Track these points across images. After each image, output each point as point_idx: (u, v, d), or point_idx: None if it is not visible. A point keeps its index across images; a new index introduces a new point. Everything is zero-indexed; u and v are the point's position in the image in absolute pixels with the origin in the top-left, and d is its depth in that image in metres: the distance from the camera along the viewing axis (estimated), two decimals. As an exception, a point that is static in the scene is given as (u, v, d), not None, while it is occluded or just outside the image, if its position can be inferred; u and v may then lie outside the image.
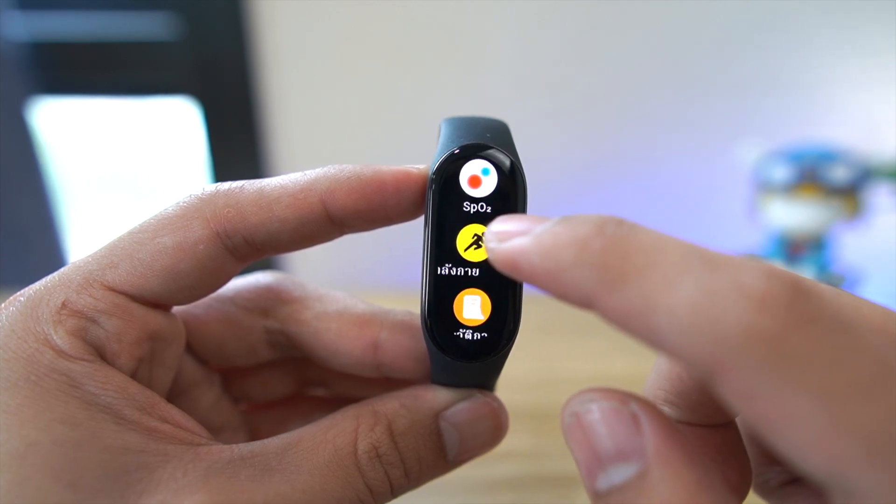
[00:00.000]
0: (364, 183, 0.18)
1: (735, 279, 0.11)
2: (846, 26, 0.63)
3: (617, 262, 0.12)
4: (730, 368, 0.11)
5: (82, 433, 0.15)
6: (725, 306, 0.11)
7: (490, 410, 0.19)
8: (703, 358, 0.11)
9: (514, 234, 0.15)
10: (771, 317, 0.11)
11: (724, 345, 0.11)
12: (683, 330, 0.11)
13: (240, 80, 0.67)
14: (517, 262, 0.14)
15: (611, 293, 0.12)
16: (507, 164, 0.18)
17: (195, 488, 0.16)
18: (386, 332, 0.21)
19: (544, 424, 0.43)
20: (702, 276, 0.12)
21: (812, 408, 0.11)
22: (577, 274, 0.13)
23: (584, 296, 0.13)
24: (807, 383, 0.11)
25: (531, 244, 0.14)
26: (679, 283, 0.12)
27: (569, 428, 0.14)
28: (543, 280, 0.14)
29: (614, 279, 0.12)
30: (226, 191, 0.18)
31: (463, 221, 0.18)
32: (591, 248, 0.13)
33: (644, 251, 0.12)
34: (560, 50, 0.65)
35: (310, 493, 0.17)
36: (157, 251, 0.18)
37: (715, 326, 0.11)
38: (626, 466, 0.13)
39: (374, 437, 0.18)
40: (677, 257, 0.12)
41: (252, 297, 0.22)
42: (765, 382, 0.11)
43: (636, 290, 0.12)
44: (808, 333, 0.11)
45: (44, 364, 0.16)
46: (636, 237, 0.13)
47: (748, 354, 0.11)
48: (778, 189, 0.55)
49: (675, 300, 0.12)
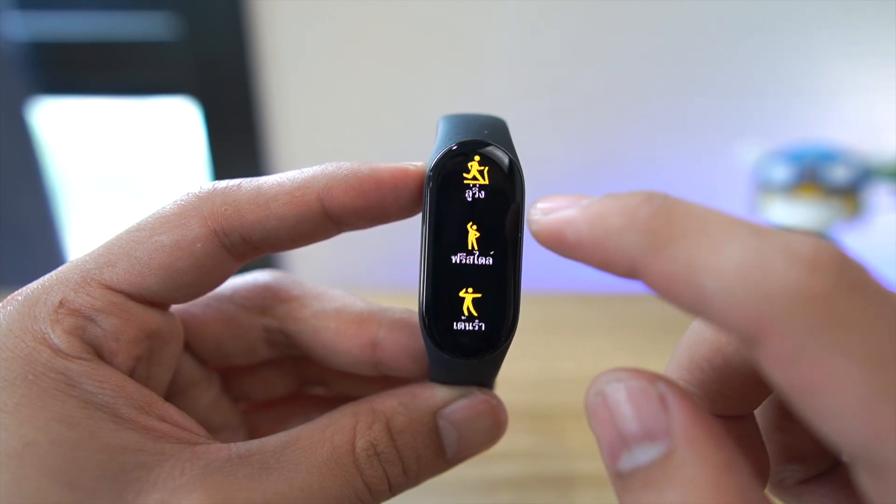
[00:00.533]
0: (361, 180, 0.18)
1: (784, 244, 0.11)
2: (846, 26, 0.63)
3: (665, 228, 0.13)
4: (776, 329, 0.11)
5: (80, 432, 0.15)
6: (775, 267, 0.11)
7: (489, 408, 0.19)
8: (749, 320, 0.11)
9: (560, 207, 0.15)
10: (821, 279, 0.11)
11: (772, 305, 0.11)
12: (730, 291, 0.11)
13: (240, 80, 0.67)
14: (563, 231, 0.14)
15: (657, 257, 0.12)
16: (506, 160, 0.18)
17: (193, 487, 0.16)
18: (384, 330, 0.21)
19: (544, 424, 0.43)
20: (750, 240, 0.12)
21: (857, 372, 0.10)
22: (625, 239, 0.13)
23: (630, 261, 0.13)
24: (854, 347, 0.11)
25: (579, 213, 0.14)
26: (727, 246, 0.12)
27: (593, 407, 0.14)
28: (589, 249, 0.14)
29: (662, 243, 0.12)
30: (223, 189, 0.18)
31: (461, 218, 0.18)
32: (639, 215, 0.13)
33: (691, 217, 0.13)
34: (560, 50, 0.65)
35: (308, 491, 0.17)
36: (155, 249, 0.17)
37: (763, 286, 0.11)
38: (652, 447, 0.13)
39: (372, 435, 0.18)
40: (725, 224, 0.12)
41: (250, 295, 0.22)
42: (812, 343, 0.11)
43: (683, 253, 0.12)
44: (858, 298, 0.11)
45: (41, 363, 0.16)
46: (683, 206, 0.13)
47: (797, 314, 0.11)
48: (778, 189, 0.55)
49: (724, 262, 0.12)
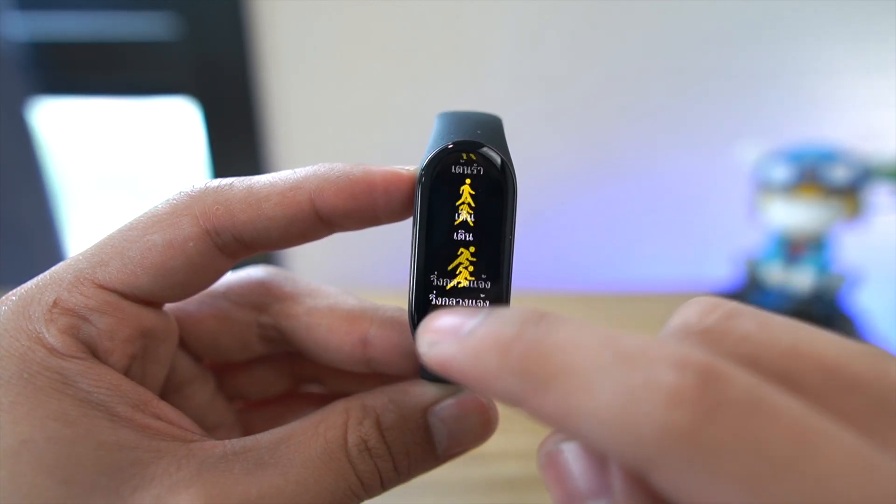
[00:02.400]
0: (353, 182, 0.18)
1: (647, 377, 0.12)
2: (847, 26, 0.63)
3: (537, 368, 0.13)
4: (654, 464, 0.11)
5: (76, 430, 0.15)
6: (641, 407, 0.11)
7: (478, 406, 0.20)
8: (630, 457, 0.12)
9: (443, 334, 0.15)
10: (683, 412, 0.11)
11: (645, 444, 0.11)
12: (607, 433, 0.12)
13: (240, 80, 0.67)
14: (448, 366, 0.14)
15: (536, 399, 0.13)
16: (497, 161, 0.18)
17: (189, 483, 0.16)
18: (375, 327, 0.21)
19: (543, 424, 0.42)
20: (616, 375, 0.12)
21: (736, 496, 0.11)
22: (503, 382, 0.13)
23: (515, 400, 0.13)
24: (726, 472, 0.11)
25: (458, 350, 0.14)
26: (596, 385, 0.12)
27: (544, 468, 0.15)
28: (475, 386, 0.14)
29: (537, 386, 0.13)
30: (215, 188, 0.18)
31: (451, 218, 0.18)
32: (512, 355, 0.13)
33: (561, 352, 0.13)
34: (560, 50, 0.65)
35: (303, 485, 0.17)
36: (147, 248, 0.18)
37: (634, 427, 0.11)
38: (595, 503, 0.14)
39: (362, 431, 0.18)
40: (593, 356, 0.12)
41: (244, 292, 0.22)
42: (688, 475, 0.11)
43: (558, 396, 0.12)
44: (720, 422, 0.11)
45: (36, 362, 0.16)
46: (553, 338, 0.13)
47: (668, 451, 0.11)
48: (778, 189, 0.55)
49: (595, 403, 0.12)
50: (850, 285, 0.57)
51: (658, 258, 0.74)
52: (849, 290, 0.57)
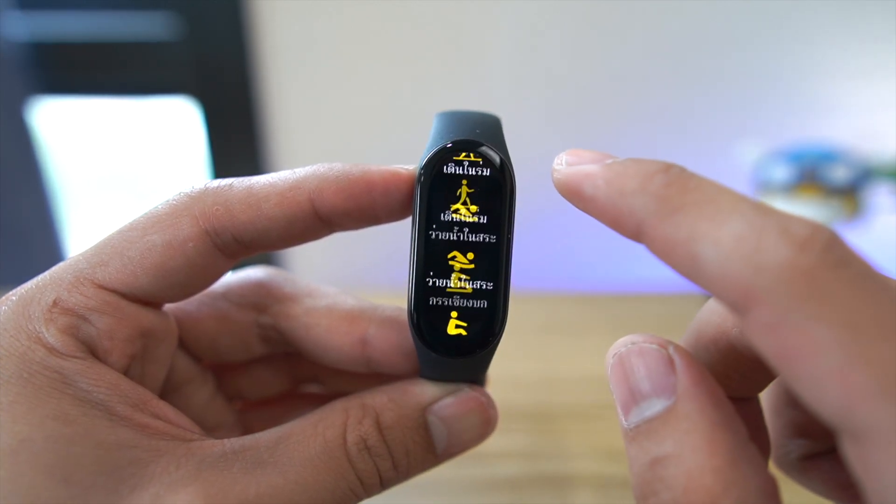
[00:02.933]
0: (352, 182, 0.18)
1: (781, 222, 0.12)
2: (847, 26, 0.63)
3: (675, 196, 0.13)
4: (762, 299, 0.12)
5: (75, 429, 0.16)
6: (769, 241, 0.12)
7: (478, 405, 0.20)
8: (739, 288, 0.12)
9: (586, 158, 0.15)
10: (808, 255, 0.12)
11: (761, 274, 0.12)
12: (725, 260, 0.12)
13: (240, 80, 0.67)
14: (582, 184, 0.15)
15: (663, 222, 0.13)
16: (497, 160, 0.18)
17: (188, 482, 0.16)
18: (374, 327, 0.21)
19: (543, 424, 0.43)
20: (752, 216, 0.12)
21: (833, 339, 0.11)
22: (637, 201, 0.14)
23: (637, 223, 0.14)
24: (831, 316, 0.11)
25: (600, 169, 0.15)
26: (729, 219, 0.13)
27: (611, 368, 0.16)
28: (602, 205, 0.15)
29: (669, 210, 0.13)
30: (215, 188, 0.18)
31: (450, 218, 0.18)
32: (654, 180, 0.14)
33: (702, 190, 0.13)
34: (560, 49, 0.65)
35: (302, 484, 0.17)
36: (147, 249, 0.18)
37: (756, 257, 0.12)
38: (658, 402, 0.14)
39: (362, 430, 0.18)
40: (732, 199, 0.13)
41: (244, 292, 0.22)
42: (793, 313, 0.11)
43: (688, 221, 0.13)
44: (840, 274, 0.12)
45: (36, 361, 0.16)
46: (697, 179, 0.14)
47: (782, 285, 0.12)
48: (778, 189, 0.55)
49: (723, 233, 0.12)
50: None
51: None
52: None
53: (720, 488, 0.13)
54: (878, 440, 0.11)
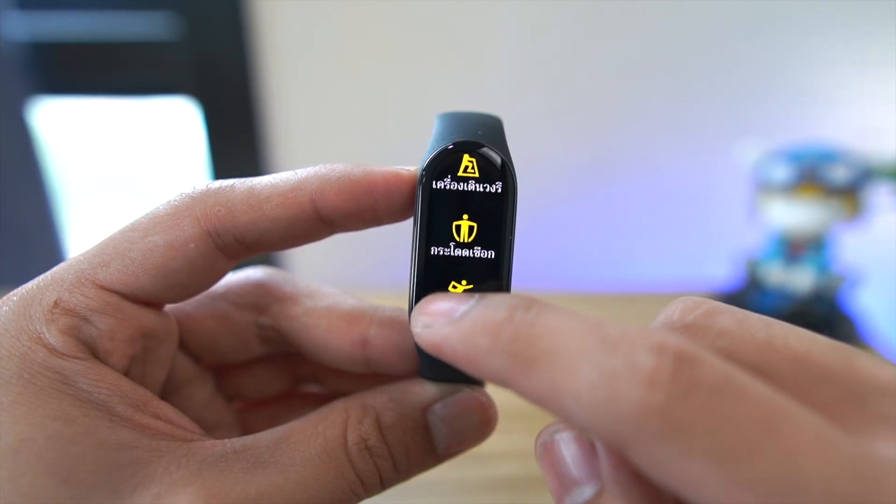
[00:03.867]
0: (354, 183, 0.18)
1: (627, 359, 0.12)
2: (846, 26, 0.63)
3: (525, 350, 0.13)
4: (632, 442, 0.12)
5: (76, 429, 0.16)
6: (620, 387, 0.12)
7: (478, 405, 0.20)
8: (610, 434, 0.12)
9: (438, 316, 0.16)
10: (658, 392, 0.12)
11: (623, 422, 0.12)
12: (588, 411, 0.12)
13: (240, 80, 0.67)
14: (441, 347, 0.15)
15: (523, 378, 0.13)
16: (498, 161, 0.18)
17: (188, 482, 0.16)
18: (374, 327, 0.21)
19: (542, 424, 0.42)
20: (598, 358, 0.13)
21: (707, 470, 0.11)
22: (493, 361, 0.14)
23: (503, 379, 0.14)
24: (697, 448, 0.11)
25: (451, 331, 0.15)
26: (579, 367, 0.13)
27: (539, 457, 0.16)
28: (465, 365, 0.15)
29: (524, 366, 0.13)
30: (216, 189, 0.18)
31: (451, 218, 0.18)
32: (503, 336, 0.14)
33: (548, 336, 0.13)
34: (560, 50, 0.65)
35: (303, 483, 0.17)
36: (148, 250, 0.18)
37: (614, 406, 0.12)
38: (586, 488, 0.15)
39: (362, 430, 0.18)
40: (578, 340, 0.13)
41: (243, 293, 0.22)
42: (663, 452, 0.12)
43: (544, 376, 0.13)
44: (692, 401, 0.12)
45: (37, 362, 0.16)
46: (542, 322, 0.14)
47: (644, 428, 0.12)
48: (778, 189, 0.55)
49: (578, 384, 0.13)
50: (850, 285, 0.57)
51: (658, 258, 0.74)
52: (849, 290, 0.57)
53: None
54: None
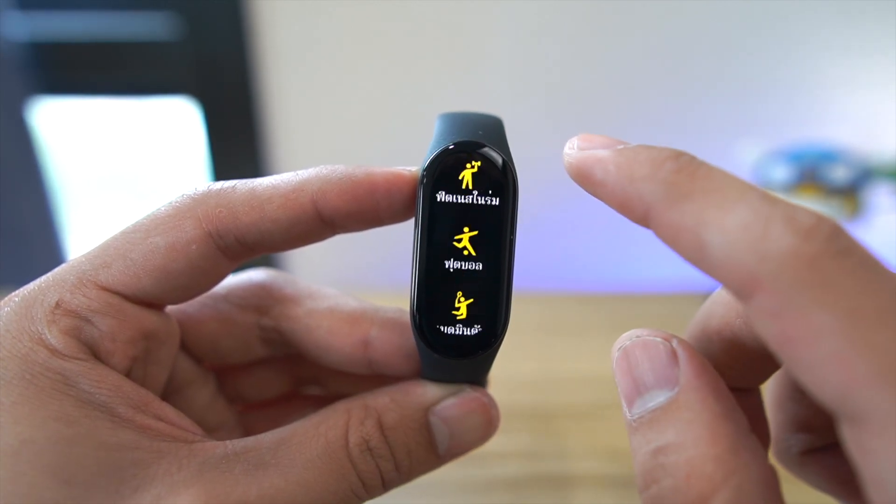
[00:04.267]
0: (355, 184, 0.18)
1: (788, 211, 0.12)
2: (846, 26, 0.63)
3: (684, 182, 0.14)
4: (765, 285, 0.12)
5: (77, 430, 0.16)
6: (774, 229, 0.12)
7: (480, 405, 0.20)
8: (743, 275, 0.12)
9: (598, 143, 0.16)
10: (812, 244, 0.12)
11: (765, 262, 0.12)
12: (729, 247, 0.13)
13: (240, 80, 0.67)
14: (593, 168, 0.15)
15: (671, 208, 0.14)
16: (499, 162, 0.18)
17: (189, 483, 0.16)
18: (376, 329, 0.21)
19: (543, 424, 0.43)
20: (759, 204, 0.13)
21: (833, 324, 0.11)
22: (646, 186, 0.14)
23: (645, 208, 0.14)
24: (832, 302, 0.11)
25: (610, 154, 0.15)
26: (736, 207, 0.13)
27: (616, 361, 0.16)
28: (612, 189, 0.15)
29: (678, 196, 0.14)
30: (218, 191, 0.18)
31: (453, 219, 0.17)
32: (664, 167, 0.14)
33: (711, 178, 0.14)
34: (560, 50, 0.65)
35: (304, 485, 0.17)
36: (150, 251, 0.18)
37: (760, 244, 0.12)
38: (661, 393, 0.15)
39: (364, 431, 0.18)
40: (740, 188, 0.13)
41: (245, 294, 0.22)
42: (795, 298, 0.12)
43: (695, 208, 0.13)
44: (843, 263, 0.12)
45: (38, 363, 0.16)
46: (707, 167, 0.14)
47: (786, 272, 0.12)
48: (778, 189, 0.55)
49: (729, 220, 0.13)
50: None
51: (658, 258, 0.74)
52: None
53: (721, 476, 0.13)
54: (876, 425, 0.11)
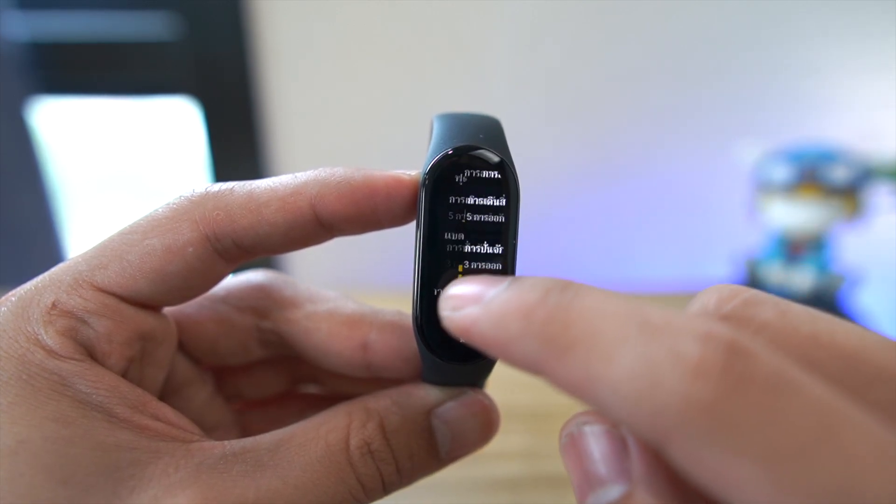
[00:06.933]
0: (354, 188, 0.18)
1: (671, 347, 0.11)
2: (847, 26, 0.63)
3: (560, 334, 0.13)
4: (673, 437, 0.11)
5: (74, 430, 0.16)
6: (662, 377, 0.11)
7: (482, 408, 0.20)
8: (648, 428, 0.12)
9: (467, 300, 0.15)
10: (705, 384, 0.11)
11: (664, 415, 0.11)
12: (626, 402, 0.12)
13: (240, 80, 0.67)
14: (470, 331, 0.14)
15: (556, 365, 0.13)
16: (500, 165, 0.17)
17: (186, 484, 0.16)
18: (375, 332, 0.21)
19: (542, 424, 0.43)
20: (639, 345, 0.12)
21: (755, 472, 0.10)
22: (525, 345, 0.13)
23: (534, 365, 0.13)
24: (746, 448, 0.11)
25: (481, 314, 0.14)
26: (618, 354, 0.12)
27: (564, 448, 0.15)
28: (495, 349, 0.14)
29: (558, 351, 0.12)
30: (215, 193, 0.18)
31: (455, 223, 0.17)
32: (535, 319, 0.13)
33: (585, 320, 0.12)
34: (560, 50, 0.65)
35: (302, 488, 0.17)
36: (146, 253, 0.17)
37: (654, 398, 0.11)
38: (614, 488, 0.14)
39: (366, 434, 0.18)
40: (617, 326, 0.12)
41: (244, 296, 0.22)
42: (707, 450, 0.11)
43: (579, 363, 0.12)
44: (744, 397, 0.11)
45: (35, 363, 0.16)
46: (578, 305, 0.13)
47: (687, 423, 0.11)
48: (778, 189, 0.55)
49: (616, 372, 0.12)
50: (850, 285, 0.57)
51: (658, 258, 0.74)
52: (849, 290, 0.57)
53: None
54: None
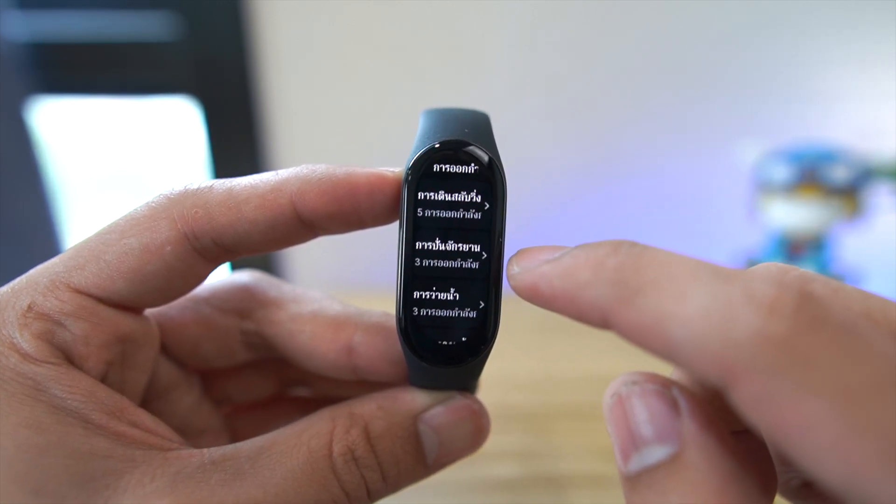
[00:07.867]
0: (335, 185, 0.17)
1: (745, 287, 0.11)
2: (846, 26, 0.63)
3: (631, 278, 0.13)
4: (742, 375, 0.11)
5: (48, 438, 0.15)
6: (736, 313, 0.11)
7: (470, 413, 0.19)
8: (716, 366, 0.11)
9: (535, 262, 0.15)
10: (780, 321, 0.11)
11: (735, 351, 0.11)
12: (696, 339, 0.12)
13: (240, 80, 0.67)
14: (538, 285, 0.14)
15: (626, 308, 0.13)
16: (486, 160, 0.17)
17: (163, 493, 0.15)
18: (360, 334, 0.20)
19: (541, 424, 0.42)
20: (713, 285, 0.12)
21: (824, 411, 0.10)
22: (594, 291, 0.13)
23: (602, 312, 0.13)
24: (818, 386, 0.10)
25: (550, 267, 0.14)
26: (691, 293, 0.12)
27: (609, 408, 0.15)
28: (562, 301, 0.14)
29: (629, 294, 0.13)
30: (194, 191, 0.18)
31: (439, 218, 0.17)
32: (606, 267, 0.13)
33: (656, 266, 0.13)
34: (560, 50, 0.65)
35: (283, 497, 0.16)
36: (124, 252, 0.17)
37: (726, 333, 0.11)
38: (661, 448, 0.13)
39: (349, 440, 0.17)
40: (689, 270, 0.12)
41: (227, 297, 0.21)
42: (778, 387, 0.11)
43: (650, 303, 0.12)
44: (817, 336, 0.11)
45: (9, 368, 0.16)
46: (649, 254, 0.13)
47: (759, 359, 0.11)
48: (778, 189, 0.55)
49: (688, 309, 0.12)
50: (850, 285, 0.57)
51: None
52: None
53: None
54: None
